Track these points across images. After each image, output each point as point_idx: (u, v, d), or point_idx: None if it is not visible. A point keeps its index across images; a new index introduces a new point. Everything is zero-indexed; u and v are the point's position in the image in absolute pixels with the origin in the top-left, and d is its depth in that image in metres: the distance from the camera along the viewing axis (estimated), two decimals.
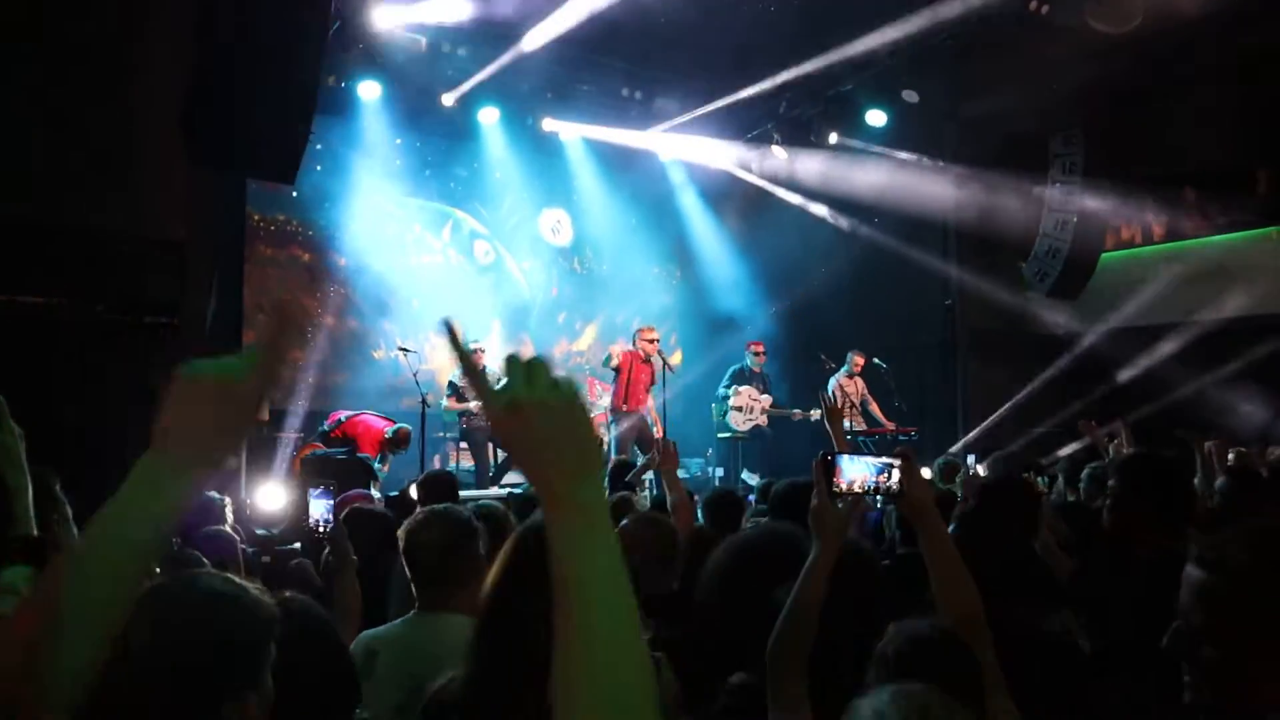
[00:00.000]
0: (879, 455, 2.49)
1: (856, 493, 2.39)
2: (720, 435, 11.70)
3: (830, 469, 2.36)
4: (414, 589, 3.01)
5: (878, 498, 2.68)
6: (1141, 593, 2.74)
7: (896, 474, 2.40)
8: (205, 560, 3.78)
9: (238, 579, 1.73)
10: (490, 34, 10.53)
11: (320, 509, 3.43)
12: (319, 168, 11.73)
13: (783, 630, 2.21)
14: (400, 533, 3.04)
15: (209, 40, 6.00)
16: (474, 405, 10.46)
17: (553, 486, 1.09)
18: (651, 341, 10.66)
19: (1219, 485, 5.01)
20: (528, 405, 1.08)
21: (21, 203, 5.91)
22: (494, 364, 11.15)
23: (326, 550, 3.71)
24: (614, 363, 10.80)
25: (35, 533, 2.25)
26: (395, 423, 9.89)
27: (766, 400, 11.61)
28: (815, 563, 2.25)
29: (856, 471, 2.39)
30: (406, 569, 3.01)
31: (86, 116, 6.02)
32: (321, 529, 3.42)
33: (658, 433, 10.84)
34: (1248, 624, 1.70)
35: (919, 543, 2.42)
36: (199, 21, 6.14)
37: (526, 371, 1.10)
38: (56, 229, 5.89)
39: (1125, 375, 11.04)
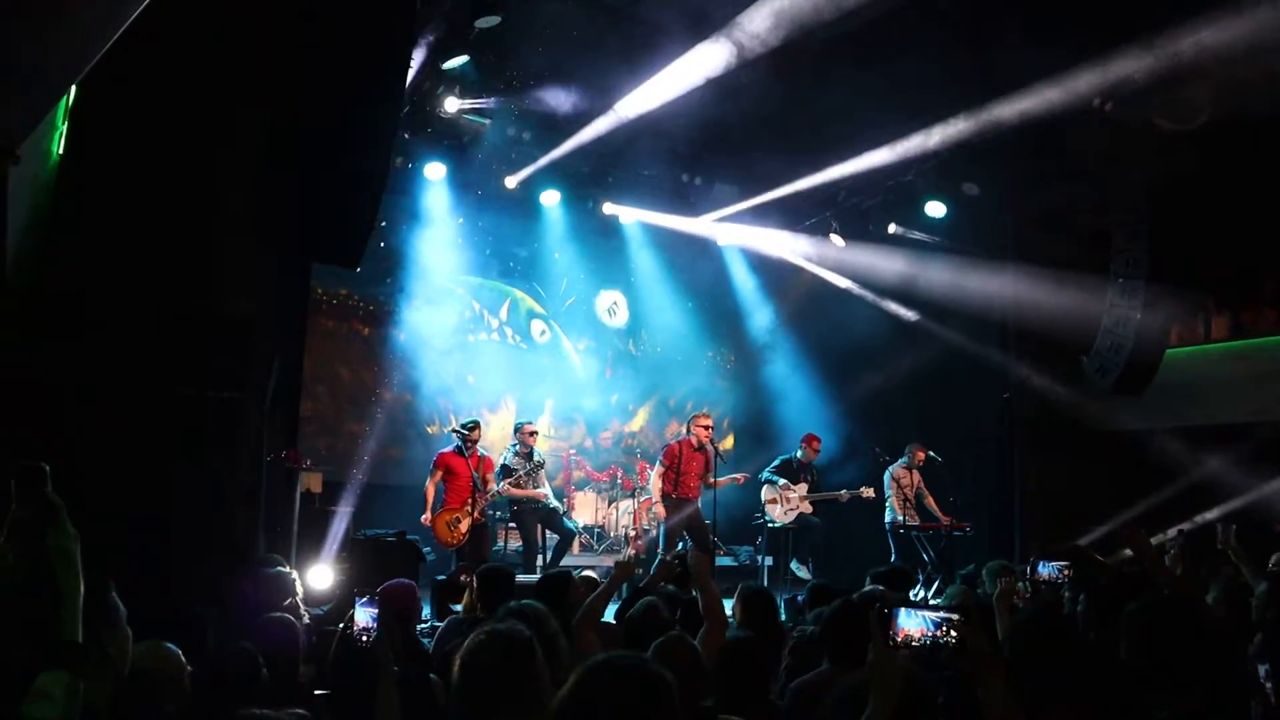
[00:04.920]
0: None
1: (914, 646, 2.35)
2: (769, 525, 11.51)
3: (886, 621, 2.33)
4: (461, 708, 2.80)
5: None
6: None
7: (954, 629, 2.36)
8: (257, 655, 3.71)
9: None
10: (554, 119, 10.73)
11: (365, 618, 3.43)
12: (382, 244, 11.89)
13: None
14: (459, 654, 2.83)
15: (281, 129, 6.16)
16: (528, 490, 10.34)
17: None
18: (706, 429, 10.49)
19: (1259, 591, 4.81)
20: None
21: (91, 280, 6.02)
22: (543, 445, 11.12)
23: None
24: (663, 459, 10.49)
25: (80, 639, 2.25)
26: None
27: (802, 489, 11.42)
28: (871, 718, 2.21)
29: (913, 625, 2.36)
30: (459, 687, 2.79)
31: (165, 201, 6.14)
32: (365, 640, 3.42)
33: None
34: None
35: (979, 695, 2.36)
36: (272, 110, 6.30)
37: None
38: (129, 306, 6.00)
39: (1190, 476, 10.76)
